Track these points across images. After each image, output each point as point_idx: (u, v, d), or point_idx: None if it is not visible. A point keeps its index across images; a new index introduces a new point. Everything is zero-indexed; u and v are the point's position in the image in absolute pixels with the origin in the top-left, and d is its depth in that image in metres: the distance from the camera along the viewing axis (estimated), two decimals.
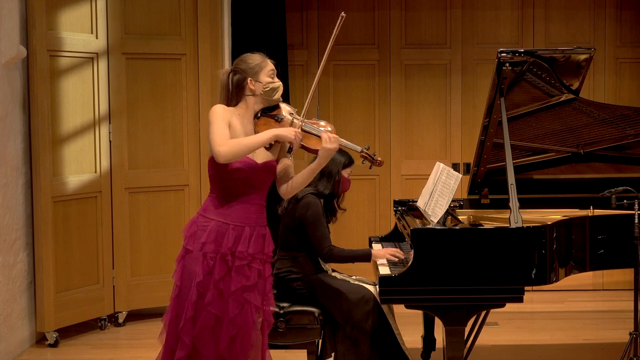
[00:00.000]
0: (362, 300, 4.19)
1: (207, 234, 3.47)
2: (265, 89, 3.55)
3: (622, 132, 4.79)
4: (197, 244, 3.47)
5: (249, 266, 3.49)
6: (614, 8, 6.90)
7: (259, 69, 3.56)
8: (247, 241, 3.48)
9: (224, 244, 3.46)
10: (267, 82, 3.56)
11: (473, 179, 4.85)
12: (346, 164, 4.38)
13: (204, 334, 3.45)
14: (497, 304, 3.87)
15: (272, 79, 3.58)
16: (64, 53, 5.57)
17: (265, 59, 3.62)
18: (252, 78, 3.55)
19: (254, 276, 3.50)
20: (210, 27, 6.12)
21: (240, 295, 3.46)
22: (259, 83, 3.55)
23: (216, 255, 3.46)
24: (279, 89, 3.59)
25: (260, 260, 3.54)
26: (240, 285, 3.46)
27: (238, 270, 3.46)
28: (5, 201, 5.22)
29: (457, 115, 6.96)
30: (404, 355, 4.22)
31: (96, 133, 5.79)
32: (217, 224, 3.48)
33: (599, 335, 5.60)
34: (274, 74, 3.60)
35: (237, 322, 3.45)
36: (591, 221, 4.28)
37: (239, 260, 3.46)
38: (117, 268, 5.94)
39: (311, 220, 4.24)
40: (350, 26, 6.94)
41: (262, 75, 3.56)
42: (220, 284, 3.45)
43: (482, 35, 6.95)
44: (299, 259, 4.31)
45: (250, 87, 3.55)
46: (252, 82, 3.55)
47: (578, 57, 4.46)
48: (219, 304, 3.45)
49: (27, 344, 5.51)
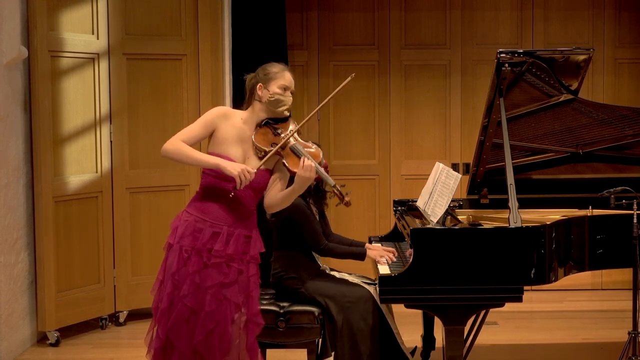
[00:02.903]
0: (361, 299, 4.20)
1: (185, 228, 3.51)
2: (270, 98, 3.55)
3: (621, 132, 4.80)
4: (176, 237, 3.52)
5: (228, 265, 3.50)
6: (612, 9, 6.92)
7: (272, 77, 3.56)
8: (224, 241, 3.49)
9: (200, 240, 3.48)
10: (275, 92, 3.54)
11: (472, 179, 4.86)
12: None
13: (178, 326, 3.47)
14: (497, 303, 3.88)
15: (283, 91, 3.55)
16: (65, 53, 5.59)
17: (284, 71, 3.60)
18: (262, 84, 3.56)
19: (232, 274, 3.50)
20: (210, 28, 6.13)
21: (218, 291, 3.46)
22: (266, 91, 3.55)
23: (192, 250, 3.48)
24: (285, 102, 3.56)
25: (242, 260, 3.54)
26: (218, 281, 3.46)
27: (215, 267, 3.48)
28: (7, 201, 5.24)
29: (457, 115, 6.97)
30: (403, 354, 4.24)
31: (97, 133, 5.80)
32: (195, 219, 3.51)
33: (598, 334, 5.61)
34: (287, 88, 3.57)
35: (214, 317, 3.45)
36: (590, 221, 4.28)
37: (215, 258, 3.48)
38: (118, 268, 5.96)
39: (301, 221, 4.29)
40: (350, 27, 6.95)
41: (273, 85, 3.55)
42: (196, 278, 3.46)
43: (481, 36, 6.96)
44: (293, 258, 4.35)
45: (258, 93, 3.57)
46: (261, 88, 3.56)
47: (577, 58, 4.48)
48: (195, 297, 3.45)
49: (28, 344, 5.52)
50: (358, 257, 4.37)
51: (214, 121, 3.53)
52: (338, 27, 6.95)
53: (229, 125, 3.54)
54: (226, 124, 3.53)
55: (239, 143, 3.55)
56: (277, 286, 4.37)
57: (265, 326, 4.16)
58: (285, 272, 4.33)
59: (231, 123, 3.55)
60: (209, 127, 3.53)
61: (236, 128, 3.54)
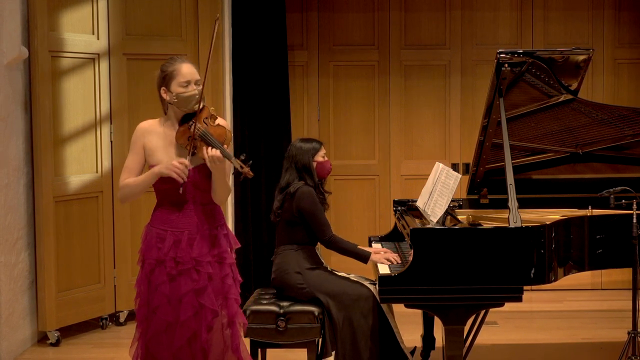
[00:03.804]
0: (361, 298, 4.21)
1: (147, 242, 3.53)
2: (175, 100, 3.46)
3: (620, 133, 4.81)
4: (141, 252, 3.56)
5: (197, 270, 3.47)
6: (612, 9, 6.93)
7: (170, 77, 3.45)
8: (187, 245, 3.47)
9: (162, 250, 3.48)
10: (177, 92, 3.44)
11: (472, 179, 4.87)
12: (314, 151, 4.44)
13: (157, 337, 3.48)
14: (496, 303, 3.89)
15: (185, 88, 3.44)
16: (65, 54, 5.59)
17: (180, 65, 3.45)
18: (164, 87, 3.48)
19: (203, 279, 3.47)
20: (211, 28, 6.13)
21: (193, 298, 3.45)
22: (170, 92, 3.47)
23: (155, 262, 3.49)
24: (191, 99, 3.43)
25: (209, 262, 3.50)
26: (190, 289, 3.45)
27: (185, 274, 3.46)
28: (7, 201, 5.24)
29: (457, 115, 6.98)
30: (403, 354, 4.25)
31: (97, 133, 5.81)
32: (157, 231, 3.52)
33: (598, 334, 5.62)
34: (189, 82, 3.43)
35: (191, 325, 3.45)
36: (590, 221, 4.29)
37: (182, 265, 3.46)
38: (118, 267, 5.96)
39: (310, 209, 4.32)
40: (350, 27, 6.96)
41: (173, 85, 3.45)
42: (165, 289, 3.45)
43: (481, 36, 6.97)
44: (301, 252, 4.36)
45: (164, 96, 3.50)
46: (165, 91, 3.48)
47: (577, 58, 4.48)
48: (168, 308, 3.45)
49: (28, 343, 5.53)
50: (361, 258, 4.38)
51: (139, 141, 3.53)
52: (338, 27, 6.96)
53: (153, 137, 3.53)
54: (150, 137, 3.53)
55: (168, 148, 3.52)
56: (278, 283, 4.38)
57: (265, 326, 4.19)
58: (289, 267, 4.34)
59: (154, 134, 3.53)
60: (139, 149, 3.52)
61: (160, 136, 3.53)
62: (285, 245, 4.41)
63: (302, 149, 4.44)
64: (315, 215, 4.33)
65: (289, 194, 4.36)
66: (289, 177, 4.43)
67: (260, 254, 6.44)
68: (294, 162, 4.43)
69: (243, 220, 6.39)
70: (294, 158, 4.44)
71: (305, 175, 4.41)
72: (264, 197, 6.47)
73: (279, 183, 4.48)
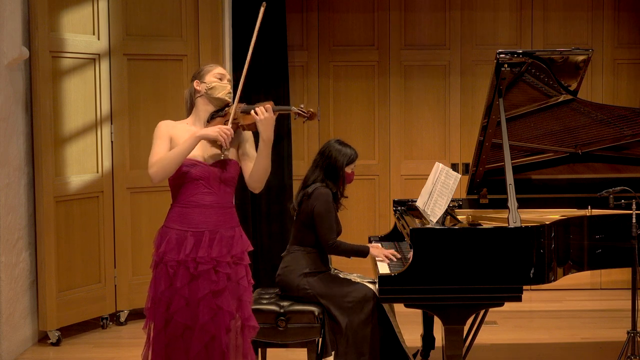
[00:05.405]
0: (363, 298, 4.22)
1: (166, 243, 3.50)
2: (208, 86, 3.61)
3: (619, 133, 4.81)
4: (159, 254, 3.52)
5: (216, 270, 3.47)
6: (611, 9, 6.94)
7: (206, 71, 3.66)
8: (207, 246, 3.47)
9: (183, 251, 3.47)
10: (211, 81, 3.62)
11: (472, 179, 4.88)
12: (350, 160, 4.43)
13: (174, 342, 3.46)
14: (496, 303, 3.90)
15: (219, 80, 3.64)
16: (66, 54, 5.60)
17: (216, 65, 3.73)
18: (198, 80, 3.64)
19: (222, 280, 3.48)
20: (211, 28, 6.15)
21: (211, 301, 3.45)
22: (203, 83, 3.62)
23: (177, 264, 3.47)
24: (223, 88, 3.63)
25: (228, 263, 3.50)
26: (209, 291, 3.45)
27: (204, 276, 3.46)
28: (8, 201, 5.25)
29: (456, 115, 6.99)
30: (404, 353, 4.26)
31: (98, 133, 5.82)
32: (176, 232, 3.51)
33: (597, 334, 5.63)
34: (223, 76, 3.66)
35: (209, 329, 3.44)
36: (589, 221, 4.30)
37: (202, 266, 3.46)
38: (118, 267, 5.97)
39: (321, 211, 4.31)
40: (350, 27, 6.97)
41: (209, 76, 3.63)
42: (185, 292, 3.45)
43: (480, 37, 6.98)
44: (312, 255, 4.37)
45: (197, 88, 3.63)
46: (197, 83, 3.63)
47: (576, 58, 4.49)
48: (186, 312, 3.45)
49: (29, 343, 5.54)
50: (361, 253, 4.41)
51: (167, 132, 3.56)
52: (338, 27, 6.97)
53: (180, 130, 3.57)
54: (176, 130, 3.57)
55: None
56: (282, 282, 4.38)
57: (265, 326, 4.19)
58: (296, 268, 4.34)
59: (181, 128, 3.58)
60: (166, 138, 3.55)
61: (187, 131, 3.56)
62: (296, 245, 4.42)
63: (341, 152, 4.40)
64: (324, 217, 4.32)
65: (306, 195, 4.37)
66: (315, 177, 4.41)
67: (260, 257, 6.44)
68: (326, 162, 4.40)
69: (243, 222, 6.37)
70: (328, 158, 4.41)
71: (331, 177, 4.39)
72: (264, 200, 6.47)
73: (306, 174, 4.47)
